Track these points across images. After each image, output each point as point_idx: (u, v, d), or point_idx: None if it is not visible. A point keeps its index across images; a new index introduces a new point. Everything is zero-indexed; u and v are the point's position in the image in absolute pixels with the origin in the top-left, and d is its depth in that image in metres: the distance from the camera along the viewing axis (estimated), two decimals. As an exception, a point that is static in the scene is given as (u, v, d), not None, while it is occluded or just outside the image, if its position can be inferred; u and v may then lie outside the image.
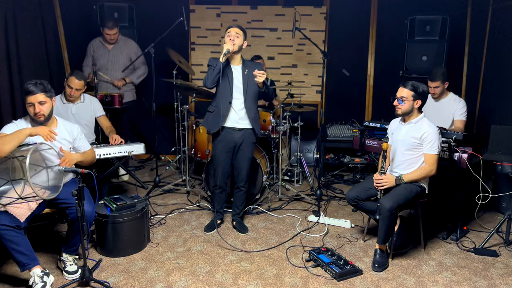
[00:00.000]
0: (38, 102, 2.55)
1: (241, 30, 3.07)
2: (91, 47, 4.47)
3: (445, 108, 3.70)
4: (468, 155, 3.03)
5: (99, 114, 3.69)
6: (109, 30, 4.31)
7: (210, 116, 3.22)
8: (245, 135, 3.20)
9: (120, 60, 4.46)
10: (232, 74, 3.11)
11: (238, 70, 3.13)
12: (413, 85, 2.82)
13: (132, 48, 4.52)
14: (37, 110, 2.56)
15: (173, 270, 2.77)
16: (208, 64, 3.11)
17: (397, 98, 2.86)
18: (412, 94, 2.81)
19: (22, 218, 2.43)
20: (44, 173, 2.54)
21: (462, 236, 3.27)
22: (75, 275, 2.63)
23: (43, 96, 2.57)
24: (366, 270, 2.79)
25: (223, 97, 3.09)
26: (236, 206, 3.41)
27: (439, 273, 2.77)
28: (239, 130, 3.17)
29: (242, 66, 3.14)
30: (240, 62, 3.15)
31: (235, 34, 3.04)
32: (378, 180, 2.86)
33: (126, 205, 2.96)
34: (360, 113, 5.25)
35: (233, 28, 3.06)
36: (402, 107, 2.85)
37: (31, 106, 2.56)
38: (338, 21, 5.12)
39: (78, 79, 3.40)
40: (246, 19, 5.17)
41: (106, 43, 4.42)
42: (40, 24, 4.14)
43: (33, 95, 2.53)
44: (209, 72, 3.04)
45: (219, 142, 3.20)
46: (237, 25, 3.09)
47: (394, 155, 2.97)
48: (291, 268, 2.81)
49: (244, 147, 3.22)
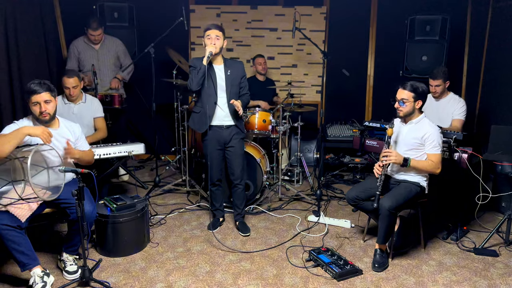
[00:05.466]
0: (43, 101, 2.56)
1: (220, 31, 3.09)
2: (75, 48, 4.31)
3: (444, 108, 3.70)
4: (468, 155, 3.03)
5: (98, 115, 3.69)
6: (93, 31, 4.20)
7: (196, 117, 3.26)
8: (232, 132, 3.24)
9: (109, 59, 4.40)
10: (215, 74, 3.15)
11: (220, 69, 3.18)
12: (412, 86, 2.80)
13: (119, 46, 4.47)
14: (43, 108, 2.56)
15: (173, 270, 2.77)
16: (189, 65, 3.15)
17: (398, 100, 2.84)
18: (413, 96, 2.80)
19: (23, 218, 2.43)
20: (45, 173, 2.55)
21: (462, 236, 3.28)
22: (75, 275, 2.63)
23: (48, 95, 2.58)
24: (366, 270, 2.79)
25: (208, 97, 3.12)
26: (236, 206, 3.41)
27: (439, 273, 2.78)
28: (226, 128, 3.22)
29: (224, 66, 3.19)
30: (222, 62, 3.20)
31: (215, 37, 3.06)
32: (387, 152, 2.80)
33: (126, 205, 2.96)
34: (360, 113, 5.25)
35: (213, 31, 3.07)
36: (403, 109, 2.84)
37: (36, 105, 2.56)
38: (338, 21, 5.13)
39: (71, 77, 3.39)
40: (246, 19, 5.17)
41: (91, 43, 4.32)
42: (40, 24, 4.13)
43: (38, 94, 2.54)
44: (193, 74, 3.07)
45: (209, 141, 3.24)
46: (215, 26, 3.10)
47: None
48: (291, 268, 2.81)
49: (233, 144, 3.26)
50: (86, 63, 4.31)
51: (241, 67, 3.25)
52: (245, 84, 3.29)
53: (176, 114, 4.46)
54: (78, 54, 4.33)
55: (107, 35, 4.44)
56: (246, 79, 3.31)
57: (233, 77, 3.19)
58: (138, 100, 4.89)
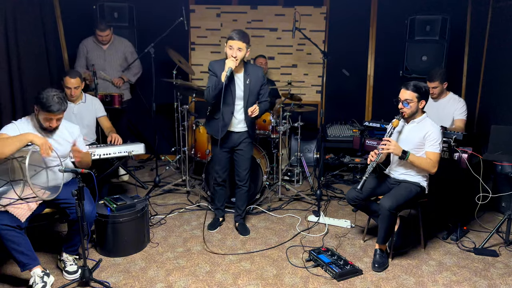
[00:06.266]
0: (56, 119, 2.58)
1: (244, 42, 2.91)
2: (84, 47, 4.37)
3: (444, 108, 3.70)
4: (468, 155, 3.03)
5: (100, 114, 3.69)
6: (101, 31, 4.24)
7: (213, 123, 3.19)
8: (242, 136, 3.21)
9: (116, 59, 4.43)
10: (234, 84, 3.06)
11: (240, 79, 3.09)
12: (415, 86, 2.79)
13: (127, 47, 4.50)
14: (54, 125, 2.60)
15: (173, 270, 2.77)
16: (209, 68, 3.05)
17: (401, 101, 2.83)
18: (416, 96, 2.79)
19: (22, 218, 2.43)
20: (43, 173, 2.55)
21: (462, 236, 3.28)
22: (75, 275, 2.63)
23: (62, 114, 2.61)
24: (366, 270, 2.79)
25: (225, 106, 3.05)
26: (237, 207, 3.41)
27: (439, 273, 2.78)
28: (236, 132, 3.19)
29: (244, 74, 3.08)
30: (242, 69, 3.08)
31: (237, 49, 2.90)
32: (386, 141, 2.76)
33: (126, 205, 2.96)
34: (360, 113, 5.25)
35: (236, 42, 2.89)
36: (408, 110, 2.83)
37: (48, 120, 2.56)
38: (338, 21, 5.12)
39: (73, 77, 3.38)
40: (246, 19, 5.17)
41: (100, 44, 4.37)
42: (40, 24, 4.14)
43: (55, 114, 2.53)
44: (212, 85, 2.97)
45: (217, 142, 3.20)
46: (240, 37, 2.90)
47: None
48: (291, 268, 2.81)
49: (242, 147, 3.23)
50: (93, 62, 4.35)
51: (261, 74, 3.13)
52: (264, 91, 3.18)
53: (176, 114, 4.46)
54: (86, 53, 4.38)
55: (116, 36, 4.47)
56: (266, 86, 3.20)
57: (252, 86, 3.08)
58: (138, 100, 4.89)
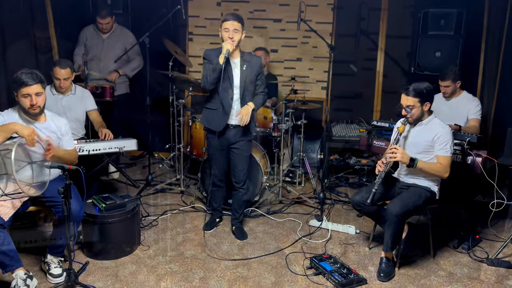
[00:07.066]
0: (35, 94, 2.56)
1: (239, 22, 2.99)
2: (84, 35, 4.43)
3: (458, 107, 3.69)
4: (482, 159, 3.02)
5: (91, 108, 3.68)
6: (101, 19, 4.28)
7: (210, 114, 3.18)
8: (239, 133, 3.19)
9: (114, 50, 4.43)
10: (231, 69, 3.09)
11: (236, 65, 3.12)
12: (415, 90, 2.78)
13: (128, 38, 4.50)
14: (34, 101, 2.57)
15: (165, 275, 2.77)
16: (204, 57, 3.09)
17: (404, 107, 2.84)
18: (418, 100, 2.78)
19: (6, 216, 2.43)
20: (28, 168, 2.53)
21: (474, 245, 3.27)
22: (59, 278, 2.63)
23: (39, 87, 2.58)
24: (371, 280, 2.79)
25: (224, 92, 3.06)
26: (235, 210, 3.40)
27: (449, 284, 2.77)
28: (233, 127, 3.16)
29: (241, 59, 3.12)
30: (238, 55, 3.13)
31: (233, 30, 2.96)
32: (393, 149, 2.78)
33: (115, 204, 2.96)
34: (367, 112, 5.23)
35: (231, 23, 2.96)
36: (411, 116, 2.83)
37: (27, 97, 2.55)
38: (346, 13, 5.10)
39: (64, 68, 3.37)
40: (248, 8, 5.16)
41: (100, 32, 4.40)
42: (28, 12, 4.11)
43: (29, 86, 2.52)
44: (208, 70, 3.01)
45: (213, 139, 3.21)
46: (234, 17, 2.99)
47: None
48: (291, 276, 2.81)
49: (239, 145, 3.22)
50: (90, 51, 4.37)
51: (258, 63, 3.17)
52: (261, 82, 3.21)
53: (171, 108, 4.44)
54: (85, 40, 4.41)
55: (119, 26, 4.50)
56: (263, 76, 3.24)
57: (248, 73, 3.11)
58: (131, 93, 4.88)
